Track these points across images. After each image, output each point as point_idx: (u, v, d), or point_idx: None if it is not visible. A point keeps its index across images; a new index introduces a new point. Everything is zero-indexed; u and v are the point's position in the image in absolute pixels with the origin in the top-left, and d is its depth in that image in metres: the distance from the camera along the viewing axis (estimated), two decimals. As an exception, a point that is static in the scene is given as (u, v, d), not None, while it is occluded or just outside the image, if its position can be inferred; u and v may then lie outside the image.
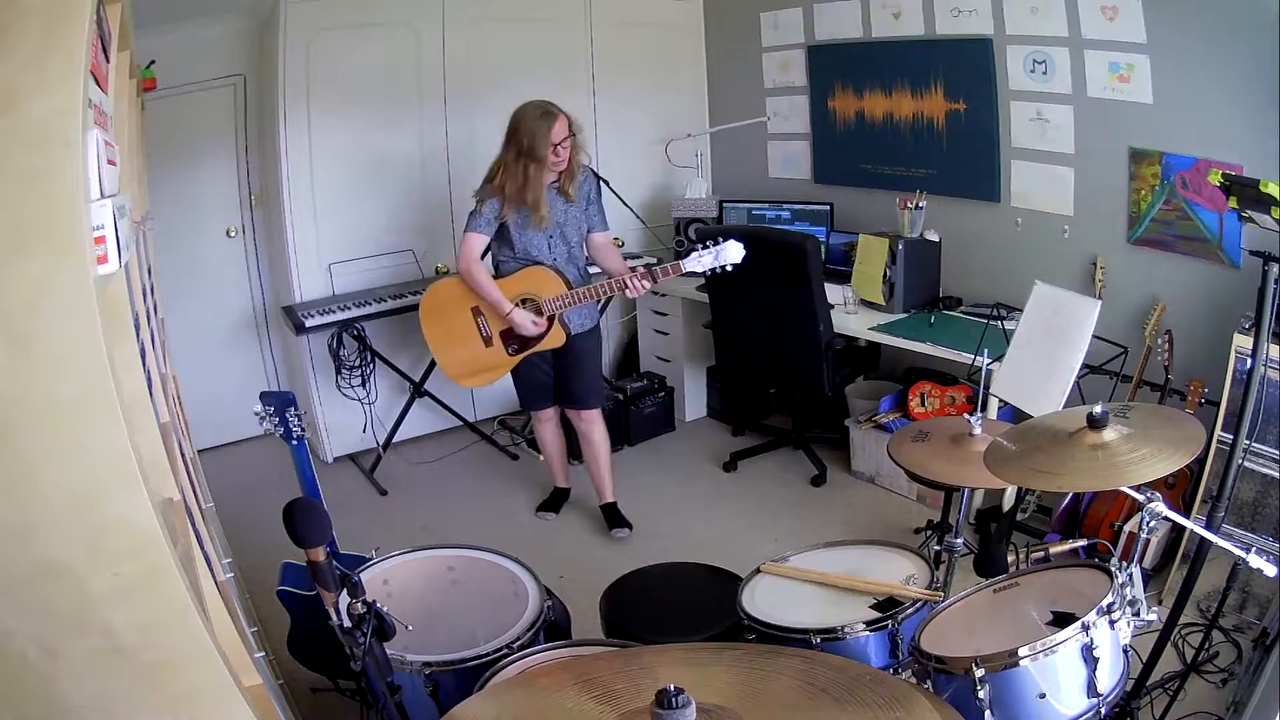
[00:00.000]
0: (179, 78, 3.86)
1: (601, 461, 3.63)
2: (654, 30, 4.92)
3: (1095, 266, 3.41)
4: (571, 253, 3.33)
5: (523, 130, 3.12)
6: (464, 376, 3.47)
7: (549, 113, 3.12)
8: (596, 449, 3.60)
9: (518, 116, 3.17)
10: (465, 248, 3.24)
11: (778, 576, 2.10)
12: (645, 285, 3.18)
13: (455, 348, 3.40)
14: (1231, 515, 2.67)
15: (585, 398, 3.53)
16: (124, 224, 1.19)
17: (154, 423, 1.44)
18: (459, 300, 3.35)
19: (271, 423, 2.34)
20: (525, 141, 3.11)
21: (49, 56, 0.95)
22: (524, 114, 3.15)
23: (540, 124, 3.09)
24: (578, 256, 3.37)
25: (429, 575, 2.16)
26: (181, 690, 1.15)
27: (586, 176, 3.34)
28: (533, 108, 3.15)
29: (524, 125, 3.12)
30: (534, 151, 3.10)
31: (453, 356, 3.42)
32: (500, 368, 3.39)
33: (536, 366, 3.43)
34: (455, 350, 3.40)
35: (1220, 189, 2.52)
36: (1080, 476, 1.64)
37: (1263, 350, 2.12)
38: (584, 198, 3.32)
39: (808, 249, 3.50)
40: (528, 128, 3.11)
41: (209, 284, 4.34)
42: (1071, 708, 1.52)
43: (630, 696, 1.24)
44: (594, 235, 3.38)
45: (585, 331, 3.43)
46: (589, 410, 3.54)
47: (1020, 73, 3.59)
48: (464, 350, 3.38)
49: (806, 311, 3.61)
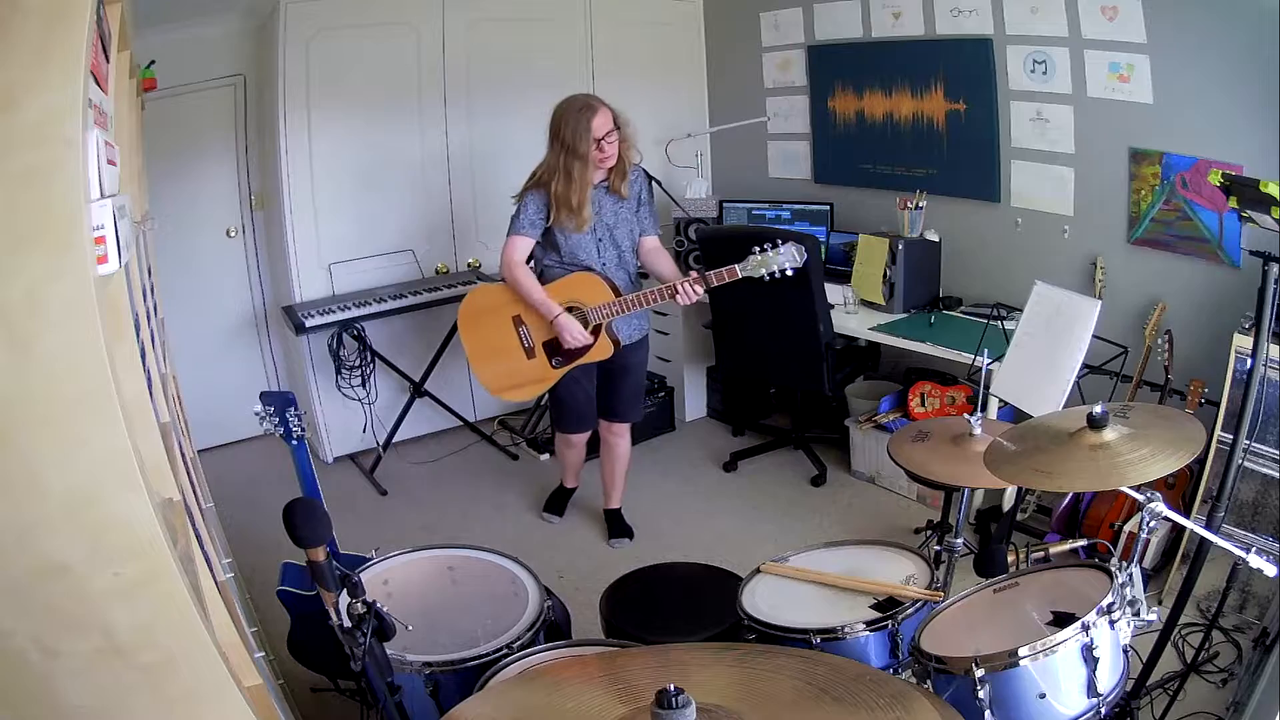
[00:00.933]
0: (179, 78, 3.85)
1: (620, 469, 3.55)
2: (654, 30, 4.92)
3: (1095, 266, 3.41)
4: (622, 257, 3.17)
5: (564, 126, 2.97)
6: (503, 390, 3.25)
7: (589, 105, 2.97)
8: (619, 459, 3.51)
9: (558, 112, 3.02)
10: (508, 250, 3.06)
11: (778, 576, 2.10)
12: (698, 290, 2.99)
13: (495, 359, 3.19)
14: (1231, 515, 2.67)
15: (626, 412, 3.39)
16: (124, 224, 1.19)
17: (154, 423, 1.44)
18: (500, 307, 3.15)
19: (271, 423, 2.34)
20: (567, 138, 2.96)
21: (49, 56, 0.95)
22: (564, 109, 3.00)
23: (580, 117, 2.94)
24: (629, 261, 3.21)
25: (429, 575, 2.16)
26: (181, 690, 1.15)
27: (639, 175, 3.19)
28: (573, 101, 3.01)
29: (564, 120, 2.97)
30: (576, 148, 2.94)
31: (491, 368, 3.21)
32: (542, 382, 3.18)
33: (579, 384, 3.22)
34: (494, 362, 3.20)
35: (1220, 189, 2.52)
36: (1080, 476, 1.64)
37: (1263, 350, 2.12)
38: (635, 198, 3.17)
39: (808, 249, 3.49)
40: (568, 123, 2.96)
41: (209, 284, 4.34)
42: (1071, 708, 1.52)
43: (630, 696, 1.24)
44: (645, 239, 3.22)
45: (635, 343, 3.25)
46: (623, 424, 3.43)
47: (1020, 73, 3.59)
48: (504, 362, 3.17)
49: (806, 312, 3.60)
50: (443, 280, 4.31)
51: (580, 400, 3.28)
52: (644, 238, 3.23)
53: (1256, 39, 2.80)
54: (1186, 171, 3.13)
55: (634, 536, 3.57)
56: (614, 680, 1.31)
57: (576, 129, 2.94)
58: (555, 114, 3.03)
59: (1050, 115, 3.53)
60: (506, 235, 3.09)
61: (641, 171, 3.23)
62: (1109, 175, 3.38)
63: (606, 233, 3.13)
